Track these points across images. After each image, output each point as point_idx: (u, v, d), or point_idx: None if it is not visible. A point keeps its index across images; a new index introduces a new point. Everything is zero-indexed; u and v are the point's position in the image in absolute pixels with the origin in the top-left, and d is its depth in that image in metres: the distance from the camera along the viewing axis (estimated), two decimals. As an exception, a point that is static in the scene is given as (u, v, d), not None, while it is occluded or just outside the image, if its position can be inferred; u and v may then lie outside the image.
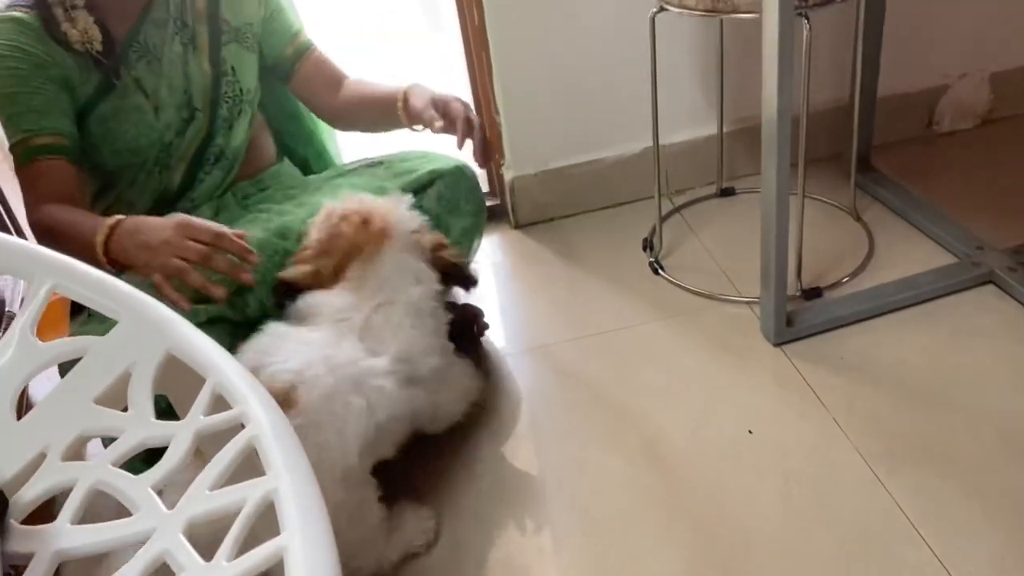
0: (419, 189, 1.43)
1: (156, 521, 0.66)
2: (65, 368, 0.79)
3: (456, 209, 1.47)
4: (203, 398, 0.74)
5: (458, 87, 1.92)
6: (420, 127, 1.44)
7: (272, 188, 1.51)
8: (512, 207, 2.00)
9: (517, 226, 2.02)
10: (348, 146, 1.75)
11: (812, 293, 1.63)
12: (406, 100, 1.45)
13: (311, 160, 1.69)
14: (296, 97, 1.60)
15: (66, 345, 0.80)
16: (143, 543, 0.65)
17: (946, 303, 1.57)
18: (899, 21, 1.83)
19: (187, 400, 0.84)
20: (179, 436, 0.72)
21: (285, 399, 1.06)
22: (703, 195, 2.01)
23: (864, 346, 1.51)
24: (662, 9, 1.53)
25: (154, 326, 0.78)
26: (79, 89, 1.32)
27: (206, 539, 0.64)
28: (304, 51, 1.54)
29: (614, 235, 1.93)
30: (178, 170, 1.42)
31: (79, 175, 1.33)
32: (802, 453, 1.33)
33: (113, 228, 1.19)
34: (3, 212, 1.74)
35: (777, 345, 1.53)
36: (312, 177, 1.58)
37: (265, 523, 0.64)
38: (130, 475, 0.71)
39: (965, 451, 1.29)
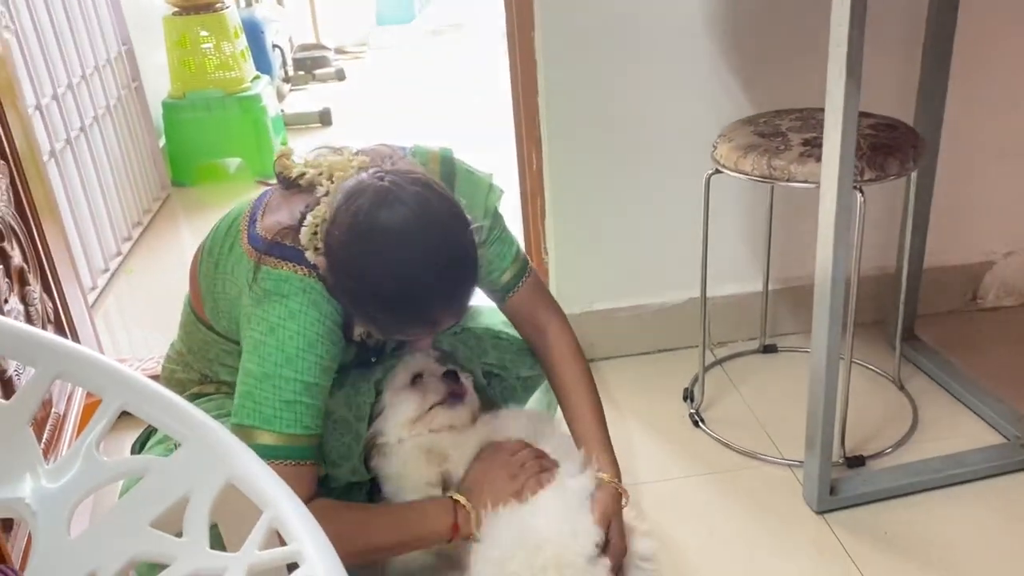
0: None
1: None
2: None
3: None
4: (259, 531, 0.73)
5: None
6: None
7: None
8: (553, 345, 2.01)
9: (556, 364, 2.02)
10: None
11: (855, 461, 1.60)
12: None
13: None
14: (505, 314, 1.47)
15: (129, 463, 0.80)
16: None
17: (994, 484, 1.53)
18: (947, 197, 1.87)
19: (236, 530, 0.83)
20: (231, 570, 0.71)
21: None
22: (745, 350, 2.01)
23: (910, 522, 1.46)
24: (717, 172, 1.58)
25: (217, 453, 0.78)
26: None
27: None
28: (520, 279, 1.40)
29: (653, 382, 1.92)
30: None
31: None
32: (844, 633, 1.27)
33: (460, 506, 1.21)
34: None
35: (820, 513, 1.49)
36: None
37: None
38: (179, 607, 0.70)
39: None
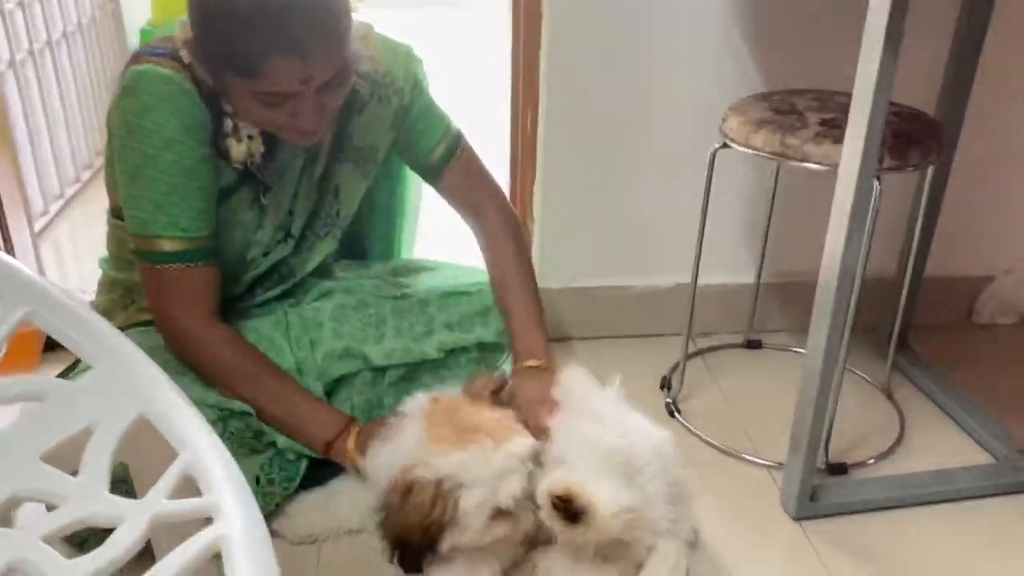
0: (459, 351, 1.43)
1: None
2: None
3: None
4: (170, 477, 0.62)
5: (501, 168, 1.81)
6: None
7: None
8: (529, 320, 1.90)
9: (531, 341, 1.91)
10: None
11: (837, 469, 1.51)
12: (517, 374, 1.38)
13: (371, 251, 1.59)
14: (441, 196, 1.47)
15: (24, 384, 0.68)
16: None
17: (983, 505, 1.44)
18: (956, 201, 1.79)
19: (150, 475, 0.71)
20: (131, 520, 0.59)
21: None
22: (728, 343, 1.92)
23: (889, 537, 1.38)
24: (725, 146, 1.48)
25: (133, 382, 0.66)
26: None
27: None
28: (452, 155, 1.41)
29: (631, 367, 1.78)
30: (243, 284, 1.32)
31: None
32: (814, 648, 1.18)
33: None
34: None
35: (797, 519, 1.40)
36: (343, 278, 1.47)
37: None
38: (60, 558, 0.58)
39: None
